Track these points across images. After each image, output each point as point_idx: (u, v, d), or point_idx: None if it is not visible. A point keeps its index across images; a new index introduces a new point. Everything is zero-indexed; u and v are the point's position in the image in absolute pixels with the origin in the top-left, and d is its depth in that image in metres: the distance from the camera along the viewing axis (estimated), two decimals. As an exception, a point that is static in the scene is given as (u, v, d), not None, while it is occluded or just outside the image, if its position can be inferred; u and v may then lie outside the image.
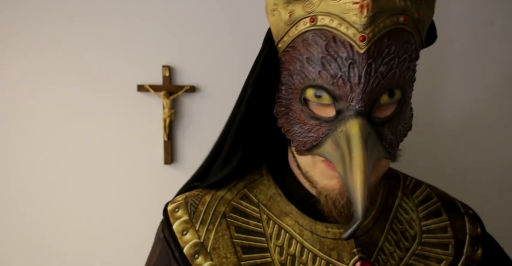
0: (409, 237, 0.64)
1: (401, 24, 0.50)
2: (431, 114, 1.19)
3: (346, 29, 0.48)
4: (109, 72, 1.11)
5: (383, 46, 0.49)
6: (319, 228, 0.61)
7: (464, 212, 0.70)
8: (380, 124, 0.52)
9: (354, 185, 0.47)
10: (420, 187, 0.71)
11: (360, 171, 0.47)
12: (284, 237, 0.61)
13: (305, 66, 0.52)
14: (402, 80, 0.52)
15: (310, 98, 0.53)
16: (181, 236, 0.61)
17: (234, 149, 0.63)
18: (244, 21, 1.12)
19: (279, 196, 0.64)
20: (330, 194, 0.55)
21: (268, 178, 0.67)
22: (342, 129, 0.50)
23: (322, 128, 0.53)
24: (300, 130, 0.55)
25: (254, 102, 0.59)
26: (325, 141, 0.52)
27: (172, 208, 0.64)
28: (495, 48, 1.17)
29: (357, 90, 0.49)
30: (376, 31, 0.48)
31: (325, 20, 0.50)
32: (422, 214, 0.67)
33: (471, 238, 0.66)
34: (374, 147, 0.50)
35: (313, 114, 0.53)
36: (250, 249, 0.60)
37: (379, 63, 0.49)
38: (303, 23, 0.52)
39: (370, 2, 0.46)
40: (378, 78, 0.49)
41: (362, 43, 0.48)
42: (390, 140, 0.53)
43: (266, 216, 0.63)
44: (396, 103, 0.53)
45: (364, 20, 0.47)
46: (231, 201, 0.64)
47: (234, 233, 0.61)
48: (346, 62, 0.49)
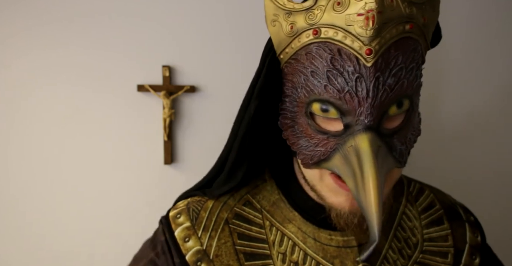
0: (411, 244, 0.64)
1: (407, 32, 0.48)
2: (432, 117, 1.19)
3: (351, 42, 0.47)
4: (109, 72, 1.10)
5: (390, 57, 0.47)
6: (322, 235, 0.60)
7: (466, 219, 0.70)
8: (389, 135, 0.51)
9: (368, 206, 0.46)
10: (424, 193, 0.70)
11: (374, 191, 0.45)
12: (287, 244, 0.60)
13: (310, 80, 0.50)
14: (411, 90, 0.50)
15: (317, 112, 0.51)
16: (183, 243, 0.60)
17: (239, 163, 0.61)
18: (244, 21, 1.12)
19: (283, 202, 0.63)
20: (340, 212, 0.54)
21: (271, 183, 0.65)
22: (351, 144, 0.48)
23: (330, 143, 0.51)
24: (306, 144, 0.53)
25: (258, 115, 0.58)
26: (334, 155, 0.51)
27: (174, 214, 0.63)
28: (496, 50, 1.17)
29: (365, 105, 0.47)
30: (382, 42, 0.46)
31: (329, 33, 0.48)
32: (425, 222, 0.67)
33: (471, 247, 0.66)
34: (385, 159, 0.49)
35: (320, 129, 0.52)
36: (253, 256, 0.60)
37: (386, 76, 0.47)
38: (306, 36, 0.50)
39: (375, 13, 0.45)
40: (387, 91, 0.48)
41: (369, 57, 0.46)
42: (400, 150, 0.52)
43: (269, 223, 0.62)
44: (405, 113, 0.52)
45: (370, 32, 0.45)
46: (234, 207, 0.63)
47: (236, 240, 0.60)
48: (353, 76, 0.47)
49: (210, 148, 1.15)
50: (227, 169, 0.62)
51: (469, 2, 1.14)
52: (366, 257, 0.47)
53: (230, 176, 0.62)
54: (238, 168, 0.61)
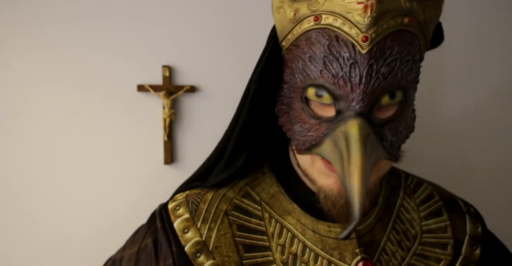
0: (410, 236, 0.64)
1: (405, 25, 0.49)
2: (432, 115, 1.19)
3: (349, 29, 0.48)
4: (109, 72, 1.11)
5: (386, 47, 0.48)
6: (321, 227, 0.61)
7: (466, 211, 0.70)
8: (380, 125, 0.52)
9: (351, 186, 0.47)
10: (422, 186, 0.71)
11: (358, 171, 0.47)
12: (286, 236, 0.61)
13: (307, 65, 0.52)
14: (404, 81, 0.51)
15: (311, 98, 0.53)
16: (182, 234, 0.60)
17: (239, 150, 0.62)
18: (244, 21, 1.12)
19: (282, 194, 0.64)
20: (328, 193, 0.55)
21: (270, 176, 0.66)
22: (342, 130, 0.50)
23: (321, 128, 0.53)
24: (300, 129, 0.55)
25: (257, 101, 0.59)
26: (324, 140, 0.52)
27: (173, 206, 0.64)
28: (496, 48, 1.17)
29: (357, 91, 0.49)
30: (379, 31, 0.48)
31: (329, 19, 0.49)
32: (423, 213, 0.67)
33: (471, 237, 0.67)
34: (374, 147, 0.50)
35: (314, 114, 0.53)
36: (252, 247, 0.60)
37: (380, 64, 0.48)
38: (307, 22, 0.51)
39: (374, 2, 0.46)
40: (379, 79, 0.49)
41: (365, 44, 0.47)
42: (391, 141, 0.53)
43: (268, 215, 0.62)
44: (398, 105, 0.53)
45: (367, 20, 0.46)
46: (233, 199, 0.64)
47: (236, 232, 0.61)
48: (348, 62, 0.48)
49: (210, 148, 1.14)
50: (227, 156, 0.63)
51: (469, 2, 1.15)
52: (346, 235, 0.47)
53: (229, 163, 0.63)
54: (237, 155, 0.62)
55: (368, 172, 0.48)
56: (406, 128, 0.56)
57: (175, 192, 0.71)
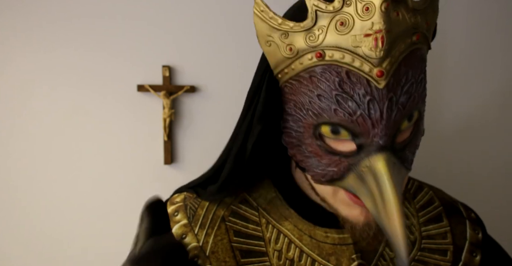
0: (409, 242, 0.63)
1: (414, 44, 0.47)
2: (433, 117, 1.19)
3: (360, 64, 0.44)
4: (109, 72, 1.11)
5: (401, 75, 0.45)
6: (318, 233, 0.61)
7: (466, 216, 0.69)
8: (401, 149, 0.50)
9: (394, 231, 0.44)
10: (422, 190, 0.70)
11: (399, 216, 0.44)
12: (283, 241, 0.60)
13: (316, 103, 0.48)
14: (421, 102, 0.49)
15: (326, 135, 0.49)
16: (180, 240, 0.60)
17: (232, 178, 0.59)
18: (244, 21, 1.11)
19: (279, 200, 0.63)
20: (355, 225, 0.54)
21: (267, 181, 0.65)
22: (367, 165, 0.47)
23: (342, 163, 0.49)
24: (317, 164, 0.52)
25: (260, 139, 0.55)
26: (348, 175, 0.49)
27: (172, 211, 0.64)
28: (496, 51, 1.17)
29: (379, 127, 0.46)
30: (393, 61, 0.44)
31: (335, 56, 0.45)
32: (422, 219, 0.66)
33: (471, 244, 0.66)
34: (399, 173, 0.48)
35: (331, 149, 0.50)
36: (249, 253, 0.60)
37: (399, 95, 0.46)
38: (308, 58, 0.47)
39: (384, 33, 0.42)
40: (400, 110, 0.46)
41: (381, 78, 0.44)
42: (411, 160, 0.51)
43: (265, 220, 0.62)
44: (414, 124, 0.51)
45: (380, 53, 0.43)
46: (230, 204, 0.63)
47: (233, 237, 0.60)
48: (365, 99, 0.45)
49: (210, 148, 1.15)
50: (221, 181, 0.60)
51: (470, 3, 1.14)
52: None
53: (223, 188, 0.61)
54: (231, 181, 0.60)
55: (403, 209, 0.46)
56: (419, 141, 0.54)
57: (174, 192, 0.71)
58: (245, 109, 0.57)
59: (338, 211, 0.55)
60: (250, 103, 0.55)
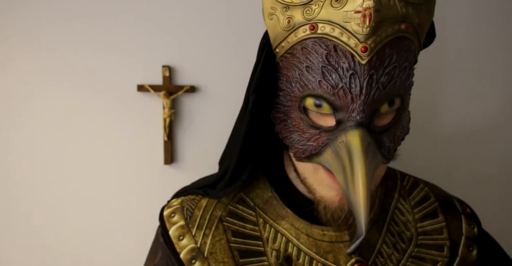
0: (405, 239, 0.64)
1: (402, 32, 0.49)
2: (432, 118, 1.19)
3: (347, 39, 0.47)
4: (109, 72, 1.11)
5: (385, 56, 0.48)
6: (315, 231, 0.61)
7: (462, 211, 0.70)
8: (379, 132, 0.52)
9: (357, 201, 0.47)
10: (418, 187, 0.71)
11: (363, 186, 0.46)
12: (280, 240, 0.61)
13: (304, 74, 0.51)
14: (403, 89, 0.51)
15: (310, 108, 0.52)
16: (177, 242, 0.61)
17: (243, 164, 0.61)
18: (244, 21, 1.12)
19: (275, 199, 0.64)
20: (329, 205, 0.55)
21: (264, 181, 0.66)
22: (343, 140, 0.49)
23: (321, 138, 0.52)
24: (299, 138, 0.54)
25: (257, 110, 0.58)
26: (325, 150, 0.52)
27: (168, 213, 0.64)
28: (497, 51, 1.16)
29: (358, 102, 0.48)
30: (378, 41, 0.47)
31: (326, 29, 0.48)
32: (418, 215, 0.67)
33: (467, 238, 0.66)
34: (374, 156, 0.50)
35: (313, 123, 0.53)
36: (247, 253, 0.60)
37: (380, 74, 0.48)
38: (303, 30, 0.50)
39: (372, 11, 0.45)
40: (379, 89, 0.48)
41: (364, 54, 0.47)
42: (389, 147, 0.53)
43: (263, 220, 0.63)
44: (395, 111, 0.53)
45: (366, 30, 0.46)
46: (228, 205, 0.64)
47: (231, 237, 0.61)
48: (347, 73, 0.48)
49: (210, 148, 1.15)
50: (231, 170, 0.61)
51: (470, 4, 1.14)
52: (353, 249, 0.48)
53: (235, 177, 0.62)
54: (242, 168, 0.61)
55: (371, 184, 0.47)
56: (402, 132, 0.56)
57: (173, 196, 0.71)
58: (247, 90, 0.59)
59: (315, 191, 0.57)
60: (250, 81, 0.58)
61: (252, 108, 0.57)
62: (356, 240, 0.47)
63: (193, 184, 0.72)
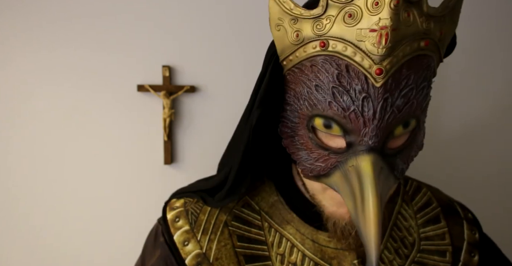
0: (408, 244, 0.64)
1: (422, 49, 0.45)
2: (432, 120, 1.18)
3: (361, 59, 0.43)
4: (109, 72, 1.10)
5: (401, 77, 0.44)
6: (320, 237, 0.60)
7: (463, 217, 0.69)
8: (392, 155, 0.49)
9: (367, 233, 0.44)
10: (421, 191, 0.70)
11: (375, 216, 0.43)
12: (285, 245, 0.60)
13: (313, 93, 0.47)
14: (419, 110, 0.48)
15: (319, 128, 0.49)
16: (182, 247, 0.60)
17: (242, 177, 0.59)
18: (244, 21, 1.11)
19: (281, 203, 0.63)
20: (338, 222, 0.54)
21: (269, 185, 0.65)
22: (353, 164, 0.46)
23: (331, 159, 0.49)
24: (306, 157, 0.51)
25: (259, 124, 0.55)
26: (334, 172, 0.49)
27: (173, 217, 0.63)
28: (496, 51, 1.17)
29: (371, 126, 0.45)
30: (394, 62, 0.43)
31: (338, 47, 0.45)
32: (421, 221, 0.66)
33: (469, 244, 0.66)
34: (386, 179, 0.47)
35: (321, 144, 0.50)
36: (253, 258, 0.59)
37: (396, 97, 0.44)
38: (312, 46, 0.47)
39: (390, 31, 0.41)
40: (394, 113, 0.45)
41: (379, 77, 0.43)
42: (402, 169, 0.50)
43: (268, 224, 0.62)
44: (410, 132, 0.50)
45: (382, 51, 0.42)
46: (233, 209, 0.63)
47: (236, 242, 0.60)
48: (360, 96, 0.44)
49: (210, 148, 1.15)
50: (230, 182, 0.59)
51: (470, 4, 1.14)
52: None
53: (233, 190, 0.60)
54: (241, 181, 0.59)
55: (382, 212, 0.44)
56: (415, 151, 0.53)
57: (171, 196, 0.70)
58: (251, 100, 0.56)
59: (324, 207, 0.55)
60: (256, 92, 0.55)
61: (255, 124, 0.54)
62: None
63: (191, 186, 0.70)
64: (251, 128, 0.54)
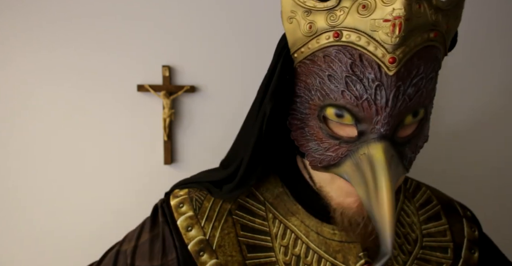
0: (411, 240, 0.64)
1: (431, 40, 0.47)
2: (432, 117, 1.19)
3: (374, 49, 0.45)
4: (109, 72, 1.11)
5: (413, 66, 0.46)
6: (325, 229, 0.60)
7: (463, 215, 0.70)
8: (402, 144, 0.50)
9: (382, 217, 0.45)
10: (420, 190, 0.71)
11: (389, 202, 0.44)
12: (289, 237, 0.60)
13: (326, 83, 0.48)
14: (428, 99, 0.49)
15: (330, 117, 0.50)
16: (185, 232, 0.60)
17: (253, 169, 0.59)
18: (244, 21, 1.12)
19: (286, 195, 0.63)
20: (346, 212, 0.54)
21: (274, 176, 0.65)
22: (365, 152, 0.48)
23: (341, 148, 0.50)
24: (316, 147, 0.52)
25: (271, 118, 0.56)
26: (345, 161, 0.50)
27: (176, 203, 0.63)
28: (496, 50, 1.17)
29: (383, 114, 0.46)
30: (407, 51, 0.45)
31: (352, 37, 0.46)
32: (423, 217, 0.67)
33: (469, 241, 0.67)
34: (396, 168, 0.48)
35: (332, 133, 0.51)
36: (255, 248, 0.60)
37: (407, 85, 0.46)
38: (326, 37, 0.48)
39: (403, 20, 0.42)
40: (406, 101, 0.46)
41: (392, 65, 0.44)
42: (410, 158, 0.51)
43: (272, 215, 0.62)
44: (418, 122, 0.51)
45: (395, 40, 0.43)
46: (237, 198, 0.63)
47: (239, 231, 0.60)
48: (373, 84, 0.46)
49: (210, 148, 1.15)
50: (241, 174, 0.59)
51: (470, 3, 1.14)
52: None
53: (244, 181, 0.60)
54: (252, 173, 0.59)
55: (395, 198, 0.45)
56: (422, 141, 0.54)
57: (173, 186, 0.70)
58: (260, 95, 0.57)
59: (332, 199, 0.56)
60: (266, 85, 0.55)
61: (269, 117, 0.54)
62: (381, 258, 0.45)
63: (194, 177, 0.71)
64: (264, 119, 0.54)
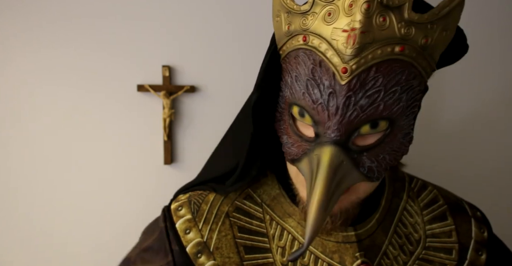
0: (413, 240, 0.64)
1: (395, 54, 0.46)
2: (432, 117, 1.19)
3: (332, 56, 0.46)
4: (109, 72, 1.11)
5: (368, 78, 0.46)
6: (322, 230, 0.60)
7: (472, 215, 0.69)
8: (358, 152, 0.50)
9: (308, 218, 0.47)
10: (426, 189, 0.70)
11: (316, 206, 0.46)
12: (286, 238, 0.61)
13: (293, 83, 0.51)
14: (388, 112, 0.49)
15: (295, 115, 0.52)
16: (184, 235, 0.61)
17: (253, 160, 0.61)
18: (244, 21, 1.12)
19: (283, 197, 0.64)
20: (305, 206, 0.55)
21: (272, 178, 0.66)
22: (317, 153, 0.49)
23: (302, 146, 0.52)
24: (286, 141, 0.55)
25: (260, 108, 0.58)
26: (303, 158, 0.52)
27: (176, 207, 0.64)
28: (496, 50, 1.17)
29: (333, 120, 0.48)
30: (361, 63, 0.45)
31: (315, 42, 0.48)
32: (427, 217, 0.66)
33: (476, 242, 0.66)
34: (348, 174, 0.49)
35: (297, 131, 0.53)
36: (253, 249, 0.60)
37: (360, 96, 0.46)
38: (297, 40, 0.50)
39: (358, 33, 0.43)
40: (357, 111, 0.47)
41: (344, 75, 0.45)
42: (370, 167, 0.51)
43: (269, 217, 0.63)
44: (381, 133, 0.51)
45: (349, 51, 0.44)
46: (235, 200, 0.64)
47: (237, 233, 0.61)
48: (327, 90, 0.47)
49: (210, 148, 1.14)
50: (241, 166, 0.61)
51: (470, 2, 1.14)
52: (292, 258, 0.48)
53: (245, 173, 0.62)
54: (252, 164, 0.61)
55: (328, 201, 0.47)
56: (392, 154, 0.53)
57: (177, 192, 0.71)
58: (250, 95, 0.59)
59: (298, 191, 0.59)
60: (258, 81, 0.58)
61: (254, 105, 0.56)
62: (296, 251, 0.47)
63: (198, 178, 0.72)
64: (251, 108, 0.56)
